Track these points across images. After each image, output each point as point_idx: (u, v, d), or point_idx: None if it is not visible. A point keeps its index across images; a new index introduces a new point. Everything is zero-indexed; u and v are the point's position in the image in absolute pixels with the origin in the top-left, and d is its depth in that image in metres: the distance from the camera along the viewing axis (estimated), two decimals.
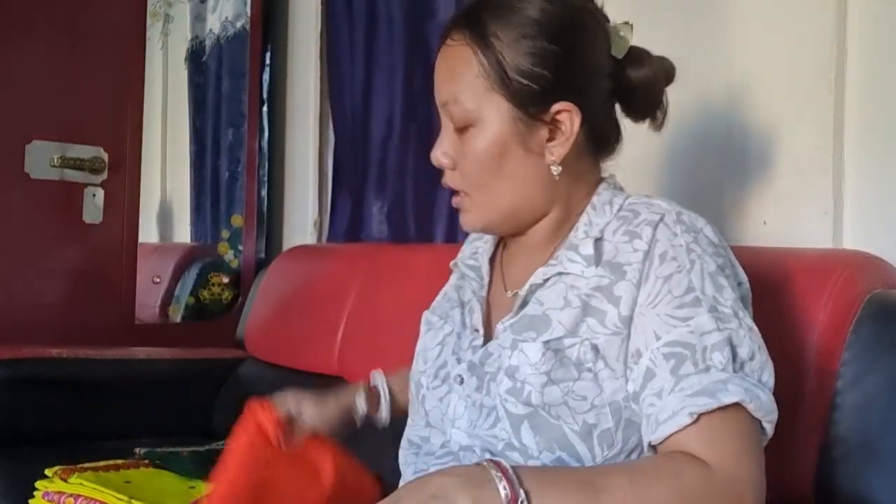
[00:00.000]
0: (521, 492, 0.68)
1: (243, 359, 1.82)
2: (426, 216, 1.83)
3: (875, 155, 1.08)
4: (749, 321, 0.78)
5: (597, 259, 0.82)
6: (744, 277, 0.83)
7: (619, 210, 0.86)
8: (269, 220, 2.30)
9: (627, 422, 0.78)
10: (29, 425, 1.54)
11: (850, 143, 1.10)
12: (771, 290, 0.83)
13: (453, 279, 1.01)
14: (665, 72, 0.92)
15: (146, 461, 1.41)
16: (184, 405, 1.74)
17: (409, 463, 0.91)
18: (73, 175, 1.94)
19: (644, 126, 0.92)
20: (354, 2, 2.03)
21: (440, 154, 0.89)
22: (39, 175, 1.90)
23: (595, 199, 0.88)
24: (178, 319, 2.42)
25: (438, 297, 1.02)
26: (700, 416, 0.72)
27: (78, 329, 1.89)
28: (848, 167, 1.11)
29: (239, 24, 2.41)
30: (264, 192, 2.27)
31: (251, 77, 2.28)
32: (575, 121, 0.84)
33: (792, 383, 0.81)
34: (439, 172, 0.91)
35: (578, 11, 0.86)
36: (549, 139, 0.85)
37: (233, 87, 2.46)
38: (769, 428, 0.75)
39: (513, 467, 0.69)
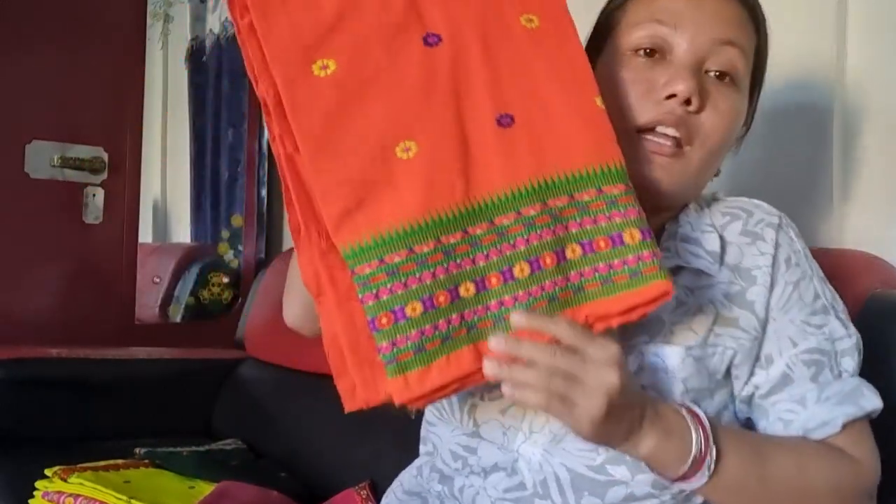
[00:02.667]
0: (713, 450, 0.65)
1: (243, 359, 1.82)
2: None
3: (875, 154, 1.08)
4: None
5: (721, 257, 0.78)
6: None
7: (707, 206, 0.83)
8: (269, 220, 2.30)
9: None
10: (29, 425, 1.54)
11: (850, 142, 1.10)
12: None
13: None
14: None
15: (146, 461, 1.41)
16: (184, 405, 1.74)
17: (457, 477, 0.80)
18: (73, 175, 1.94)
19: None
20: None
21: (696, 87, 0.74)
22: (39, 175, 1.90)
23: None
24: (178, 319, 2.42)
25: None
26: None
27: (78, 329, 1.89)
28: (848, 167, 1.11)
29: None
30: (264, 192, 2.27)
31: None
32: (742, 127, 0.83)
33: None
34: None
35: None
36: None
37: (233, 87, 2.45)
38: None
39: (707, 419, 0.67)
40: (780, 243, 0.78)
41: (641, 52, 0.76)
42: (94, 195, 1.98)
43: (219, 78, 2.54)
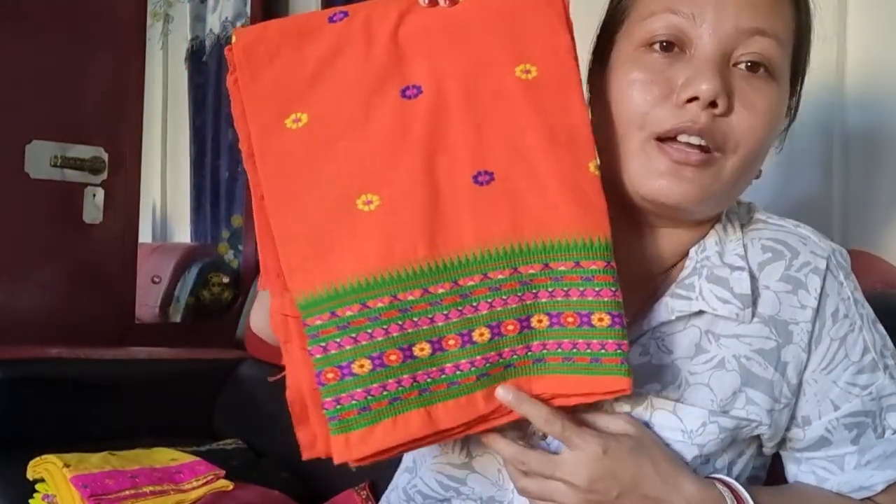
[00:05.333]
0: None
1: (243, 359, 1.82)
2: None
3: (875, 154, 1.08)
4: None
5: (753, 303, 0.68)
6: None
7: (742, 225, 0.73)
8: None
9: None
10: (29, 425, 1.54)
11: (850, 141, 1.10)
12: None
13: None
14: None
15: None
16: (184, 405, 1.74)
17: (454, 499, 0.74)
18: (72, 175, 1.94)
19: None
20: (354, 2, 2.03)
21: (722, 86, 0.63)
22: (39, 175, 1.90)
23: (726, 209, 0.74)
24: (178, 319, 2.42)
25: None
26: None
27: (78, 329, 1.89)
28: (849, 166, 1.11)
29: (239, 25, 2.42)
30: None
31: None
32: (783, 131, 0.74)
33: None
34: None
35: None
36: None
37: None
38: None
39: (746, 489, 0.65)
40: (826, 293, 0.69)
41: (657, 46, 0.67)
42: (93, 195, 1.98)
43: (219, 78, 2.55)
